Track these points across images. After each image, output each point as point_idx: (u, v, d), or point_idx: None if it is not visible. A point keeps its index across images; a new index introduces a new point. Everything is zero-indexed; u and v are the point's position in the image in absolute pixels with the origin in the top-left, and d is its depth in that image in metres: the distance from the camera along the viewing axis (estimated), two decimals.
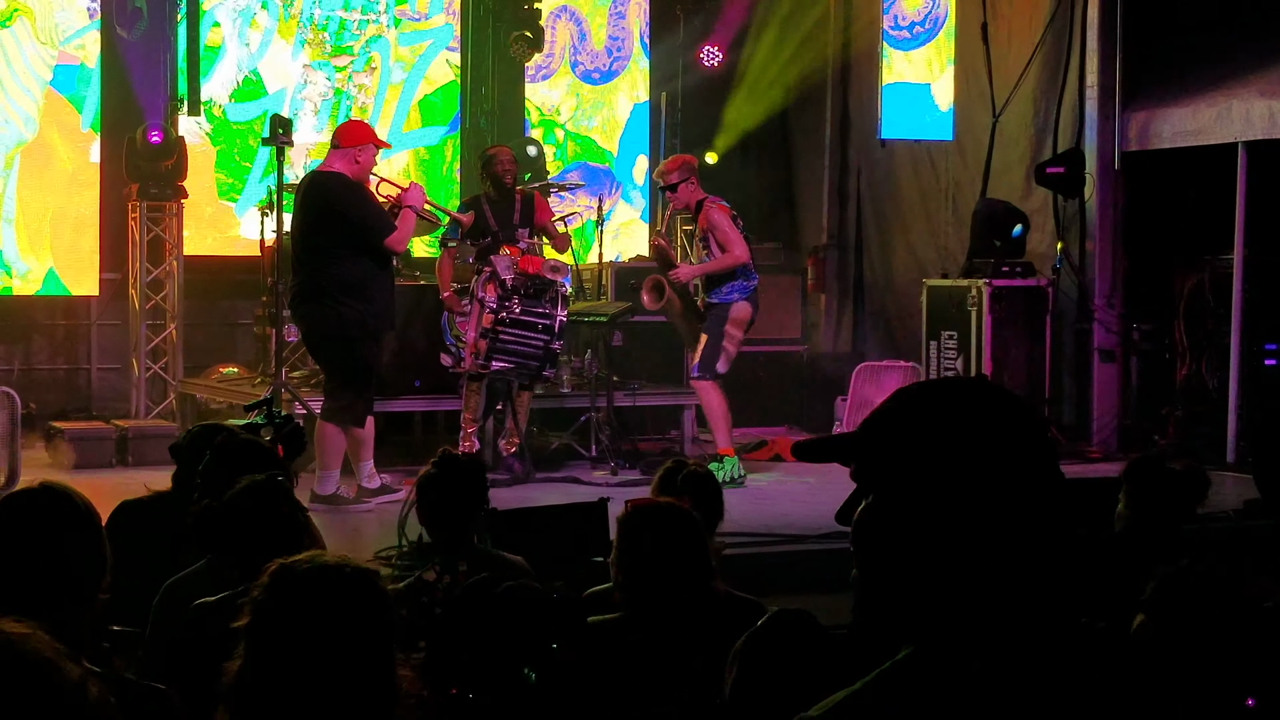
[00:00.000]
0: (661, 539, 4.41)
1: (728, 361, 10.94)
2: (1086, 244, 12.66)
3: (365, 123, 10.29)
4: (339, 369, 9.86)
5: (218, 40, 13.94)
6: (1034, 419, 1.92)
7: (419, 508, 5.63)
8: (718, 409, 10.87)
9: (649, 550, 4.40)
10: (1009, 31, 13.17)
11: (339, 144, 9.90)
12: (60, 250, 13.49)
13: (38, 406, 12.68)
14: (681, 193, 10.94)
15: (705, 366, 10.88)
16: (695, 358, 10.93)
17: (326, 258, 9.68)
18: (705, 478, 5.66)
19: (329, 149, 10.12)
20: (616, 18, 15.49)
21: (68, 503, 3.38)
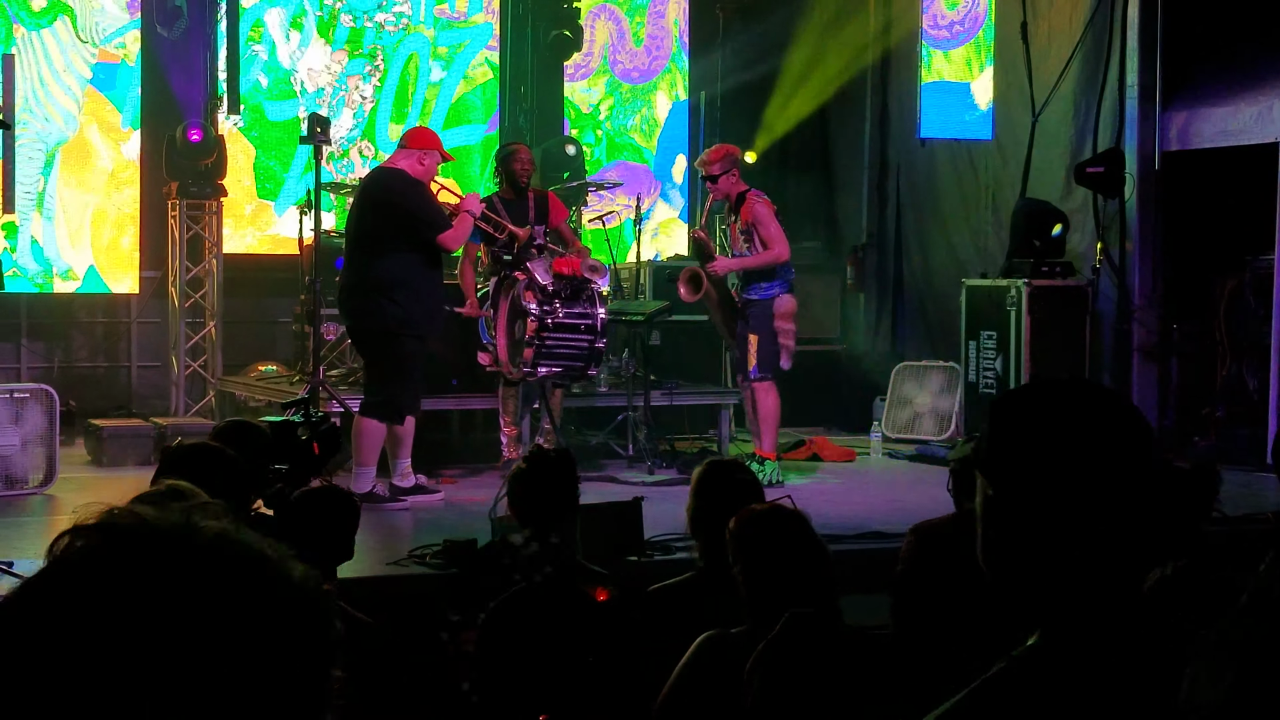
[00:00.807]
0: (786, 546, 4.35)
1: (789, 356, 10.84)
2: (1126, 244, 12.60)
3: (435, 132, 10.37)
4: (379, 363, 9.90)
5: (257, 38, 13.99)
6: (1141, 417, 2.05)
7: (510, 502, 5.65)
8: (773, 411, 10.78)
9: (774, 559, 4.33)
10: (1049, 30, 13.12)
11: (406, 144, 10.02)
12: (100, 248, 13.56)
13: (77, 404, 12.74)
14: (723, 184, 10.86)
15: (766, 366, 10.76)
16: (751, 360, 10.80)
17: (379, 251, 9.73)
18: (752, 483, 5.57)
19: (396, 148, 10.20)
20: (655, 17, 15.49)
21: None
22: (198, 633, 1.28)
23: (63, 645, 1.26)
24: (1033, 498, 1.97)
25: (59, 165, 13.42)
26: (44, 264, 13.42)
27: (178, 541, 1.33)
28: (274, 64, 14.15)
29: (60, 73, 13.40)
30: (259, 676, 1.30)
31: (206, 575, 1.31)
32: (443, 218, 9.89)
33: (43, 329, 13.71)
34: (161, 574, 1.30)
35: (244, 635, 1.30)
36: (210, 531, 1.35)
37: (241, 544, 1.35)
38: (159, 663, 1.26)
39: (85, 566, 1.30)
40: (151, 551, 1.31)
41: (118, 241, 13.61)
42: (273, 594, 1.34)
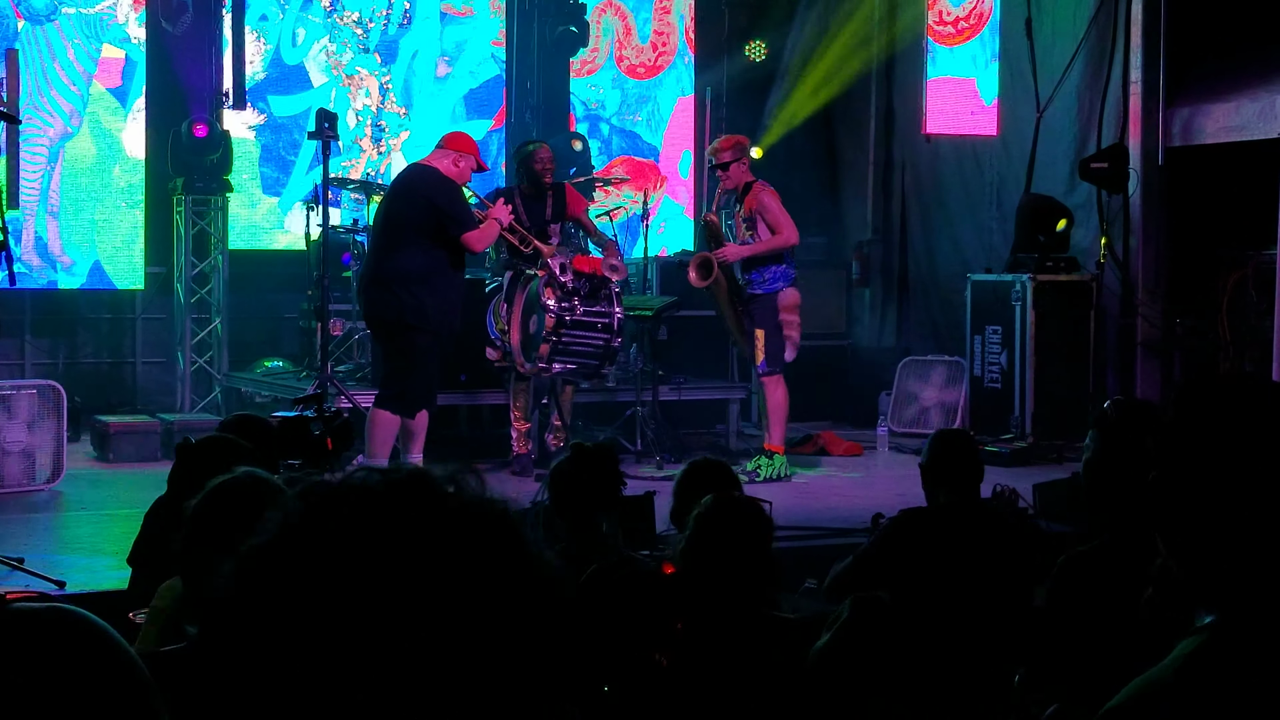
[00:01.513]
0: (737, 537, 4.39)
1: (794, 348, 10.90)
2: (1130, 239, 12.64)
3: (472, 139, 10.39)
4: (395, 356, 9.94)
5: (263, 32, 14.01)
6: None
7: (551, 498, 5.67)
8: (782, 405, 10.83)
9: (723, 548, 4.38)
10: (1053, 27, 13.15)
11: (444, 145, 10.07)
12: (105, 244, 13.57)
13: (83, 400, 12.73)
14: (733, 172, 10.89)
15: (773, 360, 10.81)
16: (760, 355, 10.83)
17: (402, 244, 9.76)
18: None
19: (434, 148, 10.23)
20: (661, 12, 15.51)
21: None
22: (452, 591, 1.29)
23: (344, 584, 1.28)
24: (1218, 484, 2.01)
25: (64, 160, 13.42)
26: (49, 259, 13.42)
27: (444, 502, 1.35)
28: (280, 59, 14.16)
29: (65, 68, 13.41)
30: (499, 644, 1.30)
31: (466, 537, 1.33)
32: (471, 218, 9.94)
33: (47, 325, 13.71)
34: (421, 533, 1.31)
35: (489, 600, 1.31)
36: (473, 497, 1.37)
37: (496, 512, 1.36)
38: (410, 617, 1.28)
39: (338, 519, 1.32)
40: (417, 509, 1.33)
41: (123, 237, 13.61)
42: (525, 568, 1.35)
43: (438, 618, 1.27)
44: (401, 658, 1.26)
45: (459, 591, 1.29)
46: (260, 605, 1.29)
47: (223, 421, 6.71)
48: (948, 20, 14.12)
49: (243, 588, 1.31)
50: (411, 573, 1.28)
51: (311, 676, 1.26)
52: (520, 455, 11.01)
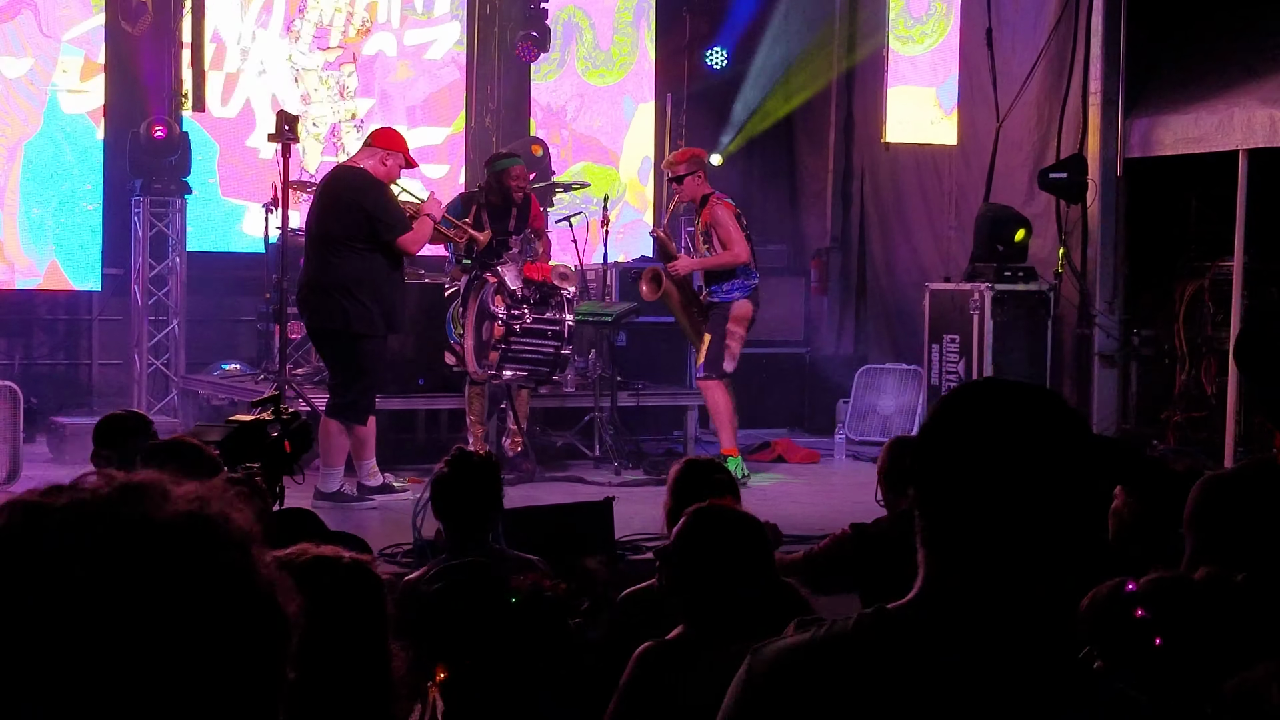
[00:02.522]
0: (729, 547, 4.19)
1: (733, 360, 10.96)
2: (1088, 249, 12.68)
3: (401, 135, 10.31)
4: (344, 365, 9.87)
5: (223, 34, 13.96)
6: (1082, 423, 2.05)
7: (434, 505, 5.65)
8: (724, 409, 10.89)
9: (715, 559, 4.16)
10: (1013, 37, 13.18)
11: (371, 143, 9.98)
12: (63, 244, 13.49)
13: (39, 401, 12.68)
14: (688, 185, 10.94)
15: (711, 366, 10.89)
16: (700, 357, 10.93)
17: (339, 250, 9.70)
18: (728, 484, 5.55)
19: (361, 146, 10.18)
20: (623, 18, 15.50)
21: None
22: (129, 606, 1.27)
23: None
24: (955, 502, 1.99)
25: (21, 160, 13.35)
26: (5, 260, 13.34)
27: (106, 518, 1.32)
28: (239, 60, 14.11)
29: (24, 67, 13.33)
30: (195, 655, 1.29)
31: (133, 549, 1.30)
32: (403, 220, 9.84)
33: (4, 326, 13.65)
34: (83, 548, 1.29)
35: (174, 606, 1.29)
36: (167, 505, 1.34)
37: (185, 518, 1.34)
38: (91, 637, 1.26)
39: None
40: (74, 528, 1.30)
41: (80, 238, 13.54)
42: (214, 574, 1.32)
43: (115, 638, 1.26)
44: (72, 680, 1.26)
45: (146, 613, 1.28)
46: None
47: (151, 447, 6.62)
48: (909, 29, 14.16)
49: None
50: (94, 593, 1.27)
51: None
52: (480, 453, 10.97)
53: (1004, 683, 1.91)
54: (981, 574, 1.95)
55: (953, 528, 1.98)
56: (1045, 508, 1.95)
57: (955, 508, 1.98)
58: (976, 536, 1.96)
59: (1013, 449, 1.97)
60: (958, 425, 2.01)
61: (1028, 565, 1.96)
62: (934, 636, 1.93)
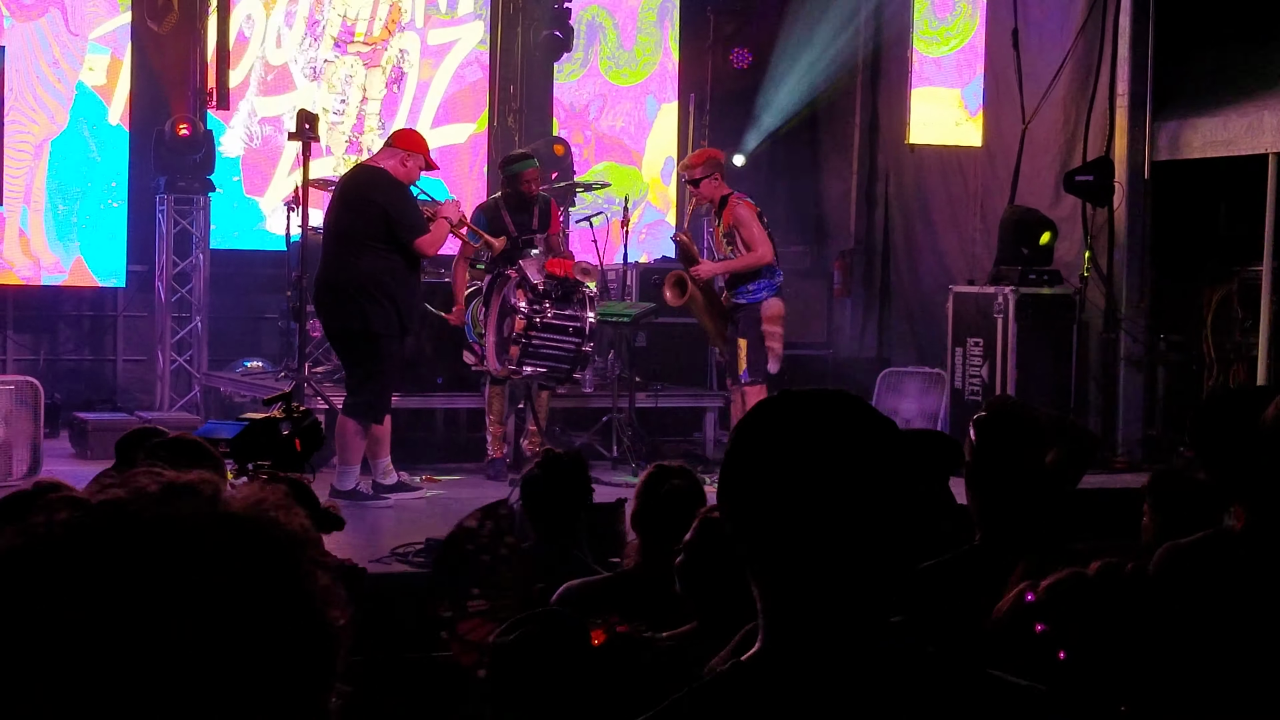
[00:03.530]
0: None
1: (778, 360, 10.87)
2: (1115, 253, 12.60)
3: (423, 137, 10.31)
4: (361, 365, 9.86)
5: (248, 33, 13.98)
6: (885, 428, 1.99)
7: (524, 505, 5.65)
8: None
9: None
10: (1040, 38, 13.11)
11: (392, 144, 9.99)
12: (88, 241, 13.54)
13: (62, 397, 12.74)
14: (705, 188, 10.88)
15: (756, 370, 10.78)
16: (741, 364, 10.81)
17: (357, 250, 9.69)
18: (688, 493, 5.51)
19: (382, 147, 10.19)
20: (646, 18, 15.47)
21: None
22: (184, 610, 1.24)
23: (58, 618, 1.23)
24: (763, 507, 1.94)
25: (47, 158, 13.39)
26: (32, 256, 13.39)
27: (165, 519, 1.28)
28: (264, 59, 14.13)
29: (50, 65, 13.38)
30: (247, 658, 1.26)
31: (199, 554, 1.27)
32: (421, 221, 9.84)
33: (29, 321, 13.69)
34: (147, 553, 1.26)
35: (230, 610, 1.26)
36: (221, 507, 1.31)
37: (241, 520, 1.31)
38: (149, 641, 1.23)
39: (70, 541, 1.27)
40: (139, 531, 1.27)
41: (105, 235, 13.58)
42: (270, 577, 1.29)
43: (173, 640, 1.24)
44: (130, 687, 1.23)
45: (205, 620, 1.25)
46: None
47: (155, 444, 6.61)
48: (933, 30, 14.09)
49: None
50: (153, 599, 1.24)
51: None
52: (495, 459, 10.99)
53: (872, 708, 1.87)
54: (818, 597, 1.90)
55: (778, 551, 1.92)
56: (862, 512, 1.90)
57: (774, 530, 1.92)
58: (801, 555, 1.91)
59: (819, 455, 1.92)
60: (759, 445, 1.96)
61: (858, 577, 1.91)
62: (792, 679, 1.88)
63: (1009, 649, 2.65)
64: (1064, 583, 2.68)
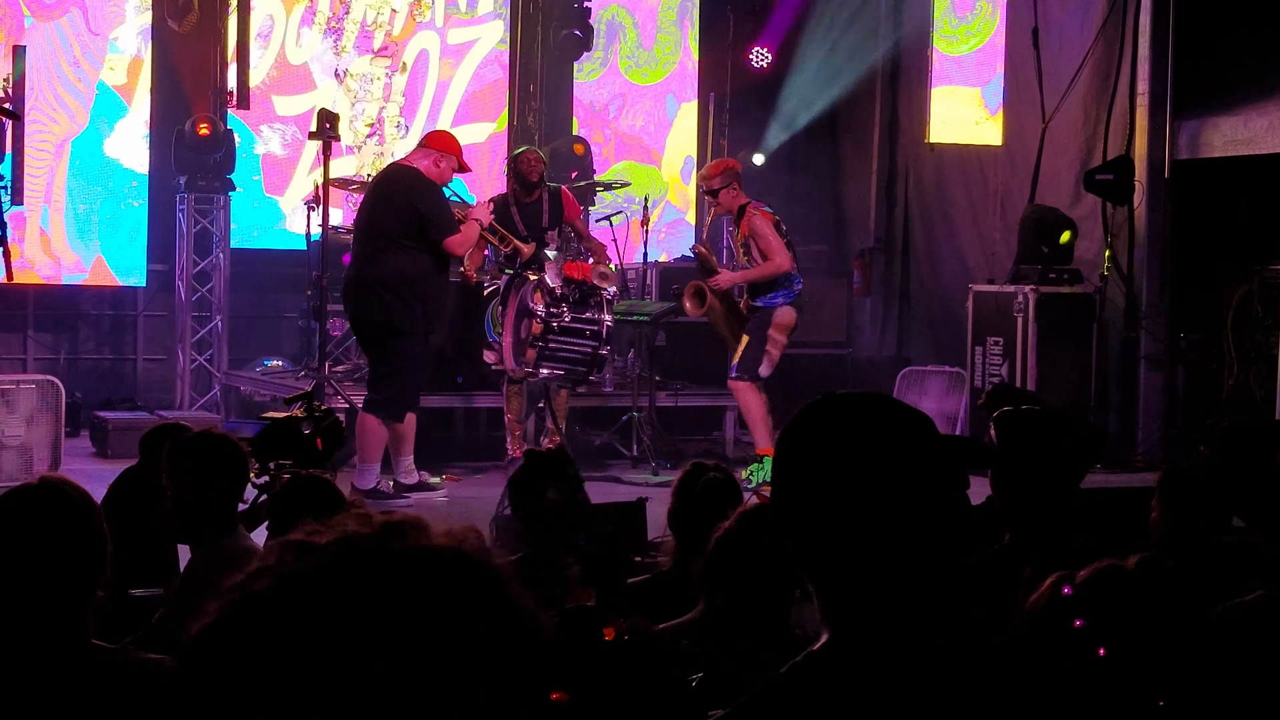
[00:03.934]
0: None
1: (770, 365, 10.89)
2: (1135, 252, 12.58)
3: (455, 138, 10.34)
4: (383, 361, 9.89)
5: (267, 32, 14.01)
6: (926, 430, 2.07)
7: (513, 510, 5.63)
8: (756, 410, 10.84)
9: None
10: (1060, 37, 13.09)
11: (426, 144, 10.03)
12: (108, 241, 13.57)
13: (83, 396, 12.77)
14: (723, 198, 10.90)
15: (744, 368, 10.82)
16: (735, 357, 10.87)
17: (387, 246, 9.72)
18: (725, 484, 5.54)
19: (416, 147, 10.23)
20: (666, 17, 15.48)
21: (65, 499, 3.38)
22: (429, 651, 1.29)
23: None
24: (818, 507, 2.01)
25: (68, 157, 13.43)
26: (52, 255, 13.43)
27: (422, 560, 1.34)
28: (284, 58, 14.15)
29: (70, 65, 13.41)
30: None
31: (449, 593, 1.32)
32: (452, 221, 9.88)
33: (49, 320, 13.73)
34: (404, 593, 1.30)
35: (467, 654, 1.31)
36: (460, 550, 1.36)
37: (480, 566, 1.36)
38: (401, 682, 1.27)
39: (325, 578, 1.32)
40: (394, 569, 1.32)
41: (125, 234, 13.62)
42: (502, 618, 1.34)
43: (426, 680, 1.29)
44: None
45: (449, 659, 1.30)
46: (246, 651, 1.29)
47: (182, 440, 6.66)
48: (954, 29, 14.07)
49: (230, 633, 1.31)
50: (399, 636, 1.29)
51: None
52: (515, 459, 10.98)
53: (944, 690, 1.91)
54: (874, 590, 1.97)
55: (833, 548, 1.98)
56: (911, 507, 1.98)
57: (828, 528, 1.99)
58: (856, 551, 1.98)
59: (869, 455, 1.99)
60: (811, 446, 2.03)
61: (911, 569, 1.98)
62: (860, 667, 1.94)
63: (1046, 644, 2.65)
64: (1102, 576, 2.67)
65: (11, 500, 3.44)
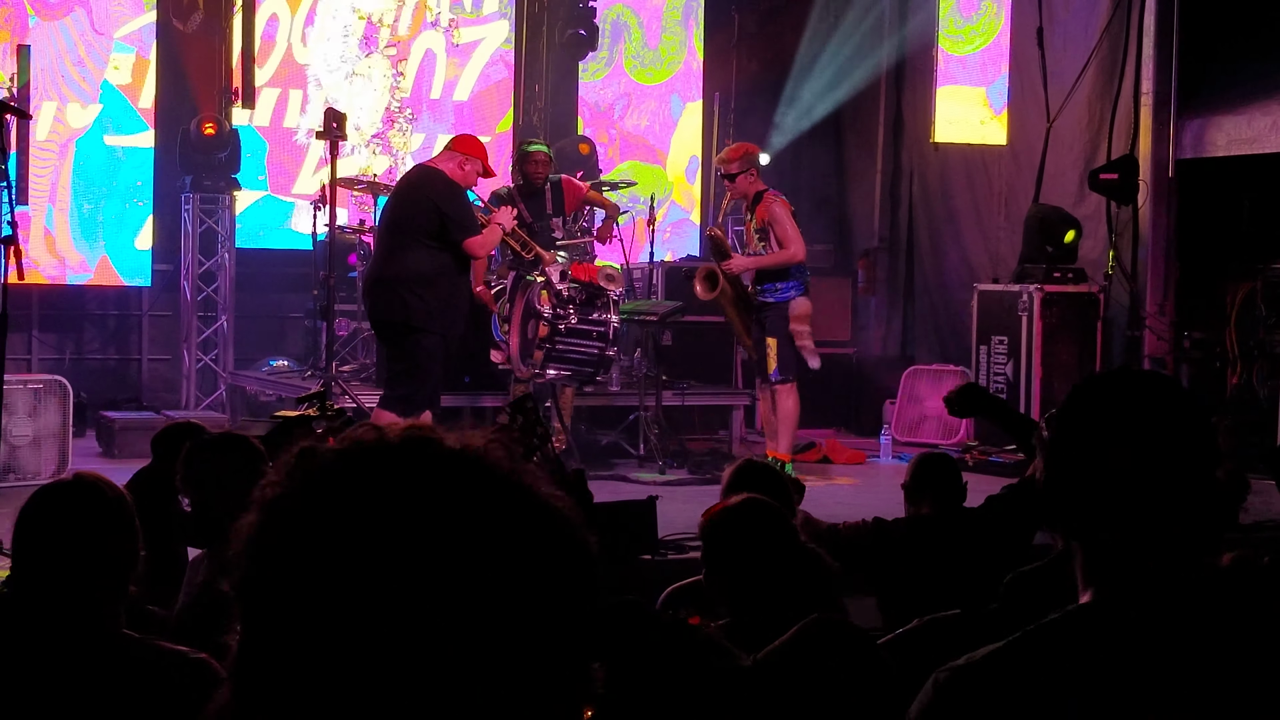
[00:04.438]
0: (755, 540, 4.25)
1: (814, 355, 10.87)
2: (1139, 251, 12.60)
3: (481, 143, 10.37)
4: (401, 359, 9.91)
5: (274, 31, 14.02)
6: (1200, 408, 2.19)
7: None
8: (792, 413, 10.80)
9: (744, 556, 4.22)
10: (1065, 36, 13.11)
11: (452, 148, 10.07)
12: (113, 240, 13.57)
13: (88, 396, 12.76)
14: (740, 183, 10.85)
15: (787, 369, 10.76)
16: (772, 363, 10.79)
17: (408, 245, 9.75)
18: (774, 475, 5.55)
19: (442, 150, 10.27)
20: (671, 17, 15.50)
21: (99, 494, 3.44)
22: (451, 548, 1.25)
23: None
24: (1096, 474, 2.13)
25: (73, 157, 13.43)
26: (57, 255, 13.43)
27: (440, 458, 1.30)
28: (291, 58, 14.17)
29: (76, 64, 13.41)
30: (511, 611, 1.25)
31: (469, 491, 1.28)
32: (475, 223, 9.92)
33: (55, 320, 13.73)
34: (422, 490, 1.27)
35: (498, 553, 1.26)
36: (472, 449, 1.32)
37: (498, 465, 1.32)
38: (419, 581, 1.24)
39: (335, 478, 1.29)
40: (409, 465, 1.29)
41: (131, 234, 13.62)
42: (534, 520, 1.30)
43: (460, 579, 1.25)
44: (427, 625, 1.24)
45: (483, 552, 1.26)
46: (285, 558, 1.27)
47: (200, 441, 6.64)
48: (959, 29, 14.10)
49: (265, 541, 1.29)
50: (434, 532, 1.25)
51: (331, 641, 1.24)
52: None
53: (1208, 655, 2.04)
54: (1139, 552, 2.10)
55: (1106, 515, 2.11)
56: (1177, 478, 2.11)
57: (1102, 496, 2.12)
58: (1127, 518, 2.10)
59: (1145, 428, 2.12)
60: (1090, 421, 2.16)
61: (1173, 534, 2.11)
62: (1123, 620, 2.07)
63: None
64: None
65: (48, 495, 3.50)
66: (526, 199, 11.07)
